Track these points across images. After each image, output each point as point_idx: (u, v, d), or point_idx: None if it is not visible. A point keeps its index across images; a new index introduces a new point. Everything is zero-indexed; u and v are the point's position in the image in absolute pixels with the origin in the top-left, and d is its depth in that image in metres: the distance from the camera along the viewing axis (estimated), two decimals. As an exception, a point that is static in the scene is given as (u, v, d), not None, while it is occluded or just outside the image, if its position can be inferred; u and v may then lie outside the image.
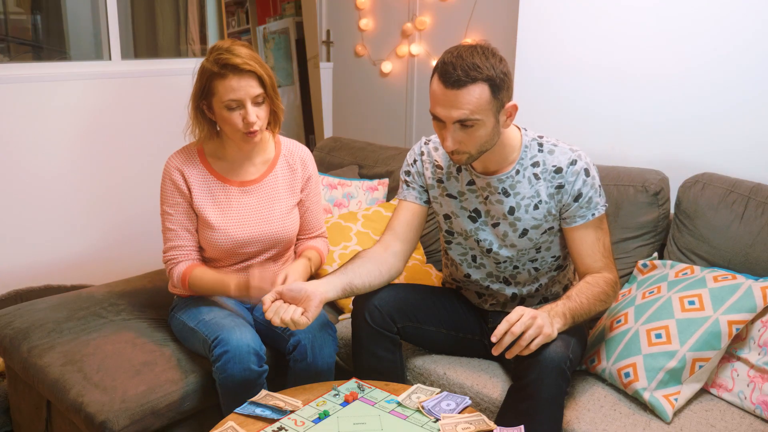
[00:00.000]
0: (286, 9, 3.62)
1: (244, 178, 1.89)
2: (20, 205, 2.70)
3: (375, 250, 1.77)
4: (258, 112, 1.75)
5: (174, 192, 1.85)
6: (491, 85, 1.50)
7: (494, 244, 1.76)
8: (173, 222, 1.86)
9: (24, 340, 1.91)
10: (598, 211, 1.67)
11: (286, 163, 1.94)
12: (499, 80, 1.51)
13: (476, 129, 1.54)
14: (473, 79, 1.48)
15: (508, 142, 1.67)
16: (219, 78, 1.71)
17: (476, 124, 1.52)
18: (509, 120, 1.60)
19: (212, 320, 1.76)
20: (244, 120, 1.74)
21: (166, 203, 1.86)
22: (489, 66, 1.49)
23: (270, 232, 1.89)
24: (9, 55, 3.05)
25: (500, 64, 1.52)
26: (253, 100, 1.73)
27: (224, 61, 1.69)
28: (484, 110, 1.51)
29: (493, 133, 1.58)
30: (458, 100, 1.50)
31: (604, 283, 1.63)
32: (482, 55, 1.50)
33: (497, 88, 1.51)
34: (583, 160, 1.67)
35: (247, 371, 1.66)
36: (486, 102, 1.51)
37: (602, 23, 2.30)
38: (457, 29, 3.15)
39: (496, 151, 1.65)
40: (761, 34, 1.99)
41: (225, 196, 1.87)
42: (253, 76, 1.72)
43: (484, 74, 1.48)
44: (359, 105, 3.70)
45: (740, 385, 1.64)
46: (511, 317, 1.47)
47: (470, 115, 1.51)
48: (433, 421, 1.47)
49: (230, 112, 1.74)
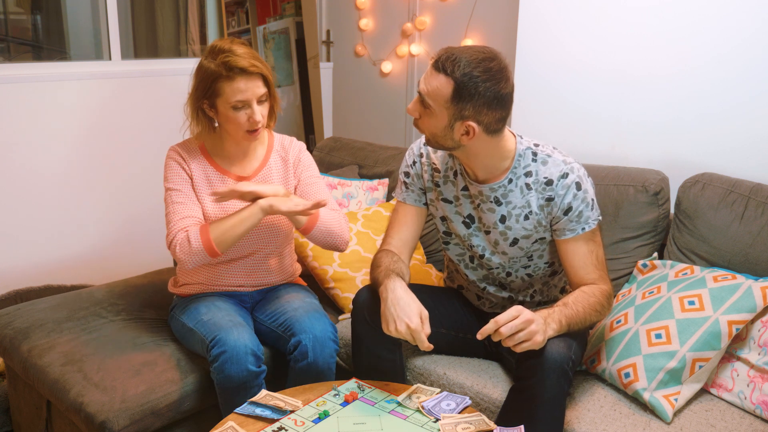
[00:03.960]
0: (286, 9, 3.63)
1: (241, 173, 1.91)
2: (20, 205, 2.70)
3: (390, 262, 1.69)
4: (262, 111, 1.79)
5: (179, 170, 1.85)
6: (456, 87, 1.49)
7: (486, 250, 1.76)
8: (180, 195, 1.83)
9: (24, 340, 1.91)
10: (588, 226, 1.64)
11: (278, 156, 1.96)
12: (467, 91, 1.48)
13: (429, 114, 1.56)
14: (444, 70, 1.50)
15: (502, 151, 1.64)
16: (226, 80, 1.72)
17: (429, 109, 1.54)
18: (466, 138, 1.55)
19: (210, 320, 1.76)
20: (250, 119, 1.76)
21: (171, 181, 1.84)
22: (467, 73, 1.47)
23: (266, 226, 1.89)
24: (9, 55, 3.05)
25: (485, 83, 1.48)
26: (258, 100, 1.77)
27: (232, 64, 1.71)
28: (438, 103, 1.52)
29: (445, 135, 1.56)
30: (428, 78, 1.54)
31: (600, 294, 1.62)
32: (473, 62, 1.48)
33: (460, 96, 1.49)
34: (576, 173, 1.64)
35: (245, 371, 1.66)
36: (443, 98, 1.51)
37: (602, 23, 2.30)
38: (457, 29, 3.15)
39: (490, 160, 1.64)
40: (761, 34, 1.99)
41: (223, 188, 1.86)
42: (259, 77, 1.75)
43: (454, 74, 1.49)
44: (359, 105, 3.70)
45: (740, 385, 1.64)
46: (501, 318, 1.45)
47: (426, 96, 1.53)
48: (433, 421, 1.47)
49: (236, 112, 1.76)
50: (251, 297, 1.96)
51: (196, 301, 1.89)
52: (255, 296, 1.96)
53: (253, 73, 1.74)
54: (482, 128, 1.54)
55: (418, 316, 1.53)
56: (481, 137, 1.56)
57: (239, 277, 1.93)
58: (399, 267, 1.67)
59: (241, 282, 1.93)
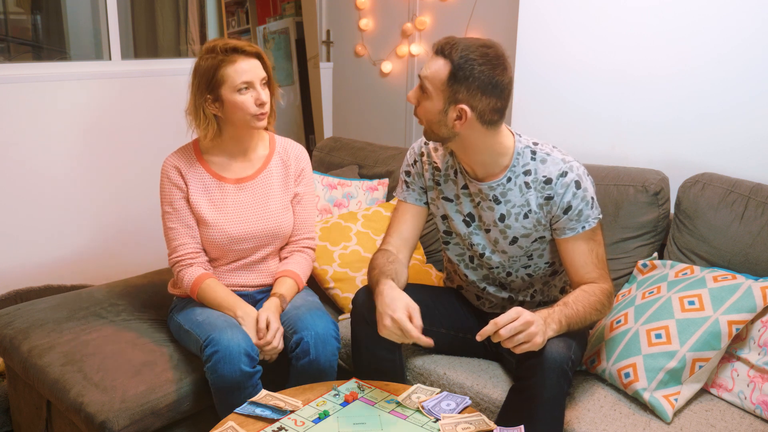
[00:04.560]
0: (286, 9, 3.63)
1: (240, 175, 1.91)
2: (20, 205, 2.70)
3: (384, 263, 1.70)
4: (266, 93, 1.81)
5: (172, 189, 1.87)
6: (452, 69, 1.51)
7: (486, 248, 1.76)
8: (173, 220, 1.87)
9: (24, 340, 1.91)
10: (588, 224, 1.64)
11: (280, 160, 1.96)
12: (462, 73, 1.51)
13: (426, 98, 1.58)
14: (443, 53, 1.53)
15: (500, 149, 1.64)
16: (228, 63, 1.76)
17: (427, 92, 1.57)
18: (458, 123, 1.56)
19: (205, 321, 1.77)
20: (257, 101, 1.79)
21: (165, 202, 1.88)
22: (464, 56, 1.51)
23: (265, 228, 1.89)
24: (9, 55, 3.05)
25: (481, 66, 1.50)
26: (261, 83, 1.80)
27: (230, 46, 1.76)
28: (435, 86, 1.55)
29: (439, 121, 1.58)
30: (428, 63, 1.57)
31: (600, 293, 1.61)
32: (471, 47, 1.52)
33: (455, 78, 1.52)
34: (575, 172, 1.64)
35: (238, 372, 1.65)
36: (440, 80, 1.53)
37: (602, 23, 2.30)
38: (457, 29, 3.15)
39: (487, 156, 1.64)
40: (761, 34, 1.99)
41: (220, 193, 1.88)
42: (258, 57, 1.80)
43: (452, 56, 1.51)
44: (359, 105, 3.70)
45: (740, 385, 1.64)
46: (500, 320, 1.44)
47: (425, 79, 1.57)
48: (433, 421, 1.47)
49: (242, 96, 1.78)
50: (252, 297, 1.96)
51: (194, 301, 1.89)
52: (255, 296, 1.97)
53: (252, 54, 1.78)
54: (476, 115, 1.55)
55: (404, 310, 1.53)
56: (475, 126, 1.57)
57: (240, 278, 1.93)
58: (392, 268, 1.67)
59: (242, 282, 1.93)
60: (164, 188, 1.88)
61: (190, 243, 1.87)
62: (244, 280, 1.94)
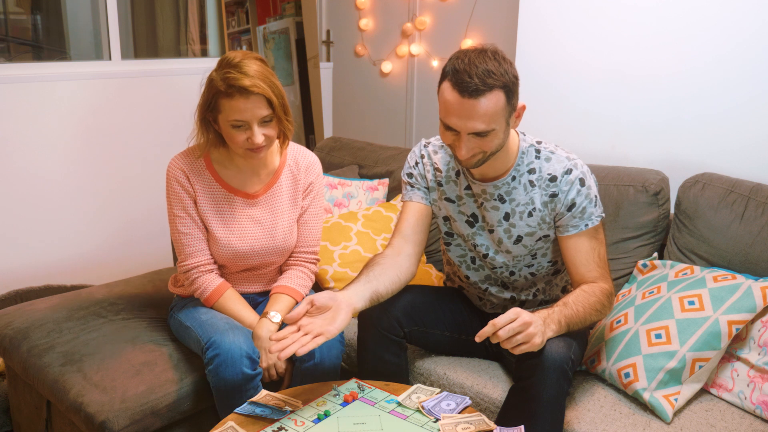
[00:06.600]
0: (286, 9, 3.63)
1: (249, 190, 1.86)
2: (20, 206, 2.71)
3: (388, 255, 1.72)
4: (265, 131, 1.70)
5: (182, 193, 1.81)
6: (506, 91, 1.48)
7: (490, 249, 1.76)
8: (187, 225, 1.82)
9: (24, 340, 1.91)
10: (592, 222, 1.65)
11: (290, 173, 1.90)
12: (512, 85, 1.49)
13: (491, 138, 1.52)
14: (490, 87, 1.45)
15: (508, 147, 1.64)
16: (225, 97, 1.65)
17: (491, 133, 1.51)
18: (518, 120, 1.59)
19: (208, 321, 1.76)
20: (249, 140, 1.69)
21: (175, 206, 1.82)
22: (503, 72, 1.47)
23: (273, 245, 1.87)
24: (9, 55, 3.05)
25: (511, 68, 1.50)
26: (260, 121, 1.68)
27: (232, 81, 1.63)
28: (499, 119, 1.50)
29: (505, 136, 1.57)
30: (475, 110, 1.46)
31: (600, 293, 1.61)
32: (494, 61, 1.47)
33: (511, 94, 1.50)
34: (579, 170, 1.64)
35: (240, 375, 1.65)
36: (501, 109, 1.49)
37: (602, 23, 2.30)
38: (457, 29, 3.15)
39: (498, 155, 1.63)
40: (761, 34, 2.00)
41: (229, 208, 1.84)
42: (262, 98, 1.66)
43: (500, 81, 1.46)
44: (359, 105, 3.71)
45: (740, 385, 1.64)
46: (498, 321, 1.43)
47: (487, 126, 1.48)
48: (433, 421, 1.47)
49: (235, 131, 1.69)
50: (252, 299, 1.95)
51: (196, 300, 1.89)
52: (256, 299, 1.96)
53: (255, 94, 1.64)
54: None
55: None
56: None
57: (244, 285, 1.93)
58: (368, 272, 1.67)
59: (245, 289, 1.93)
60: (173, 191, 1.81)
61: (206, 250, 1.84)
62: (246, 286, 1.93)
